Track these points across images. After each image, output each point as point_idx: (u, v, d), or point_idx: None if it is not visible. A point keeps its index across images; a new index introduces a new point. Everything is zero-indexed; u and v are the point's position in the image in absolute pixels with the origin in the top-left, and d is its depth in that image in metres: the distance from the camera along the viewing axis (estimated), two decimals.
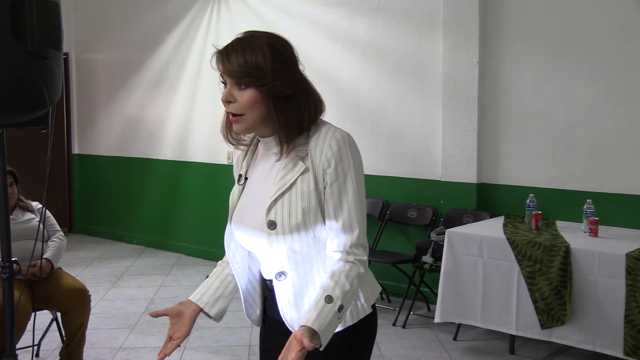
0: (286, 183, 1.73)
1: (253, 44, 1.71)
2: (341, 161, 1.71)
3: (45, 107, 2.58)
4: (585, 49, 4.66)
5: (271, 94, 1.69)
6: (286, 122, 1.72)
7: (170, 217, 7.54)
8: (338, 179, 1.71)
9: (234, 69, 1.69)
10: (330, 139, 1.71)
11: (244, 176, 1.89)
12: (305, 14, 6.07)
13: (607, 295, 3.79)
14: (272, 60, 1.68)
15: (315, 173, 1.72)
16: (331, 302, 1.67)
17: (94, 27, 8.23)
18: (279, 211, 1.72)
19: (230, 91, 1.73)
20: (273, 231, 1.73)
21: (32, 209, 4.14)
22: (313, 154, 1.73)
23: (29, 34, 2.44)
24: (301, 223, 1.71)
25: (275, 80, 1.68)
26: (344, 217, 1.72)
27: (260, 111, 1.71)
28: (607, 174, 4.61)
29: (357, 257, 1.73)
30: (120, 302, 5.61)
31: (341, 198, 1.72)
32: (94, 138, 8.42)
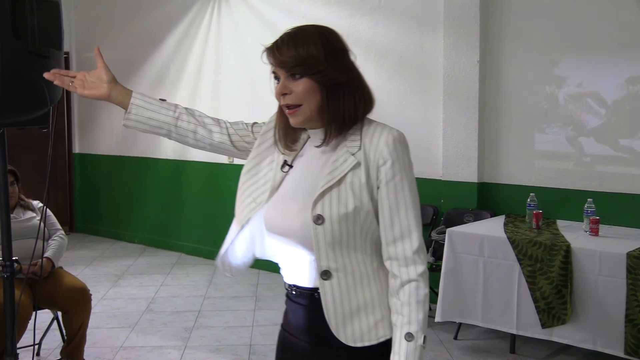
0: (335, 177, 1.65)
1: (303, 35, 1.69)
2: (397, 160, 1.64)
3: (46, 106, 2.58)
4: (586, 48, 4.66)
5: (325, 82, 1.65)
6: (338, 111, 1.67)
7: (171, 216, 7.54)
8: (394, 178, 1.64)
9: (286, 60, 1.66)
10: (387, 136, 1.65)
11: (289, 164, 1.79)
12: (306, 13, 6.07)
13: (607, 295, 3.79)
14: (323, 48, 1.66)
15: (367, 168, 1.65)
16: (412, 340, 1.62)
17: (94, 26, 8.24)
18: (326, 205, 1.64)
19: (285, 83, 1.68)
20: (320, 226, 1.64)
21: (33, 208, 4.14)
22: (367, 149, 1.66)
23: (30, 33, 2.44)
24: (351, 219, 1.64)
25: (329, 67, 1.65)
26: (401, 221, 1.65)
27: (316, 100, 1.66)
28: (608, 173, 4.61)
29: (418, 270, 1.65)
30: (121, 301, 5.62)
31: (397, 198, 1.64)
32: (95, 137, 8.42)
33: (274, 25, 6.36)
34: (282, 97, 1.70)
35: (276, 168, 1.80)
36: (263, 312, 5.25)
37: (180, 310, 5.37)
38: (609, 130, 4.61)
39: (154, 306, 5.47)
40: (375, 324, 1.68)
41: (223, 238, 1.97)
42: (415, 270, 1.64)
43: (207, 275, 6.42)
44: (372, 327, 1.67)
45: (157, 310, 5.35)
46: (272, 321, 5.04)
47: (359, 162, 1.65)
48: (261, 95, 6.52)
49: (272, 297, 5.67)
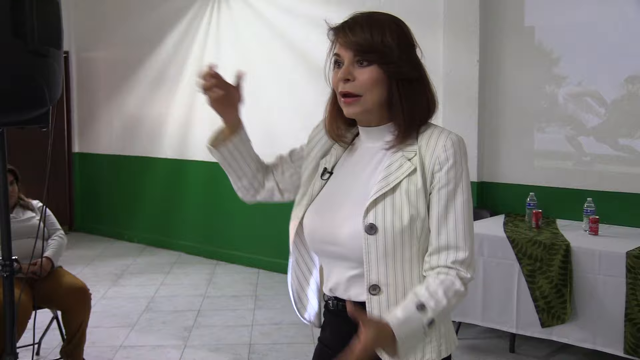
0: (390, 183, 1.52)
1: (379, 19, 1.55)
2: (454, 166, 1.51)
3: (46, 106, 2.58)
4: (585, 47, 4.66)
5: (395, 74, 1.52)
6: (411, 108, 1.54)
7: (171, 216, 7.54)
8: (448, 185, 1.51)
9: (359, 41, 1.51)
10: (446, 140, 1.52)
11: (329, 170, 1.67)
12: (306, 13, 6.07)
13: (607, 294, 3.79)
14: (398, 38, 1.53)
15: (424, 174, 1.52)
16: (422, 311, 1.46)
17: (94, 25, 8.23)
18: (380, 214, 1.51)
19: (349, 68, 1.53)
20: (372, 236, 1.50)
21: (33, 208, 4.14)
22: (423, 153, 1.53)
23: (29, 32, 2.44)
24: (406, 229, 1.50)
25: (401, 59, 1.52)
26: (449, 230, 1.51)
27: (380, 93, 1.53)
28: (608, 172, 4.61)
29: (459, 272, 1.51)
30: (120, 300, 5.62)
31: (448, 207, 1.51)
32: (95, 136, 8.42)
33: (274, 24, 6.36)
34: (343, 83, 1.55)
35: (318, 178, 1.69)
36: (263, 312, 5.25)
37: (180, 309, 5.37)
38: (609, 129, 4.61)
39: (153, 305, 5.47)
40: (423, 346, 1.55)
41: (222, 237, 1.95)
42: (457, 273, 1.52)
43: (206, 275, 6.42)
44: (419, 348, 1.54)
45: (157, 310, 5.35)
46: (271, 320, 5.04)
47: (415, 167, 1.52)
48: (260, 94, 6.52)
49: (272, 296, 5.67)
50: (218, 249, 6.95)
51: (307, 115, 6.08)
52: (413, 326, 1.45)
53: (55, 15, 2.56)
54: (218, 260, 6.90)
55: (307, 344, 4.57)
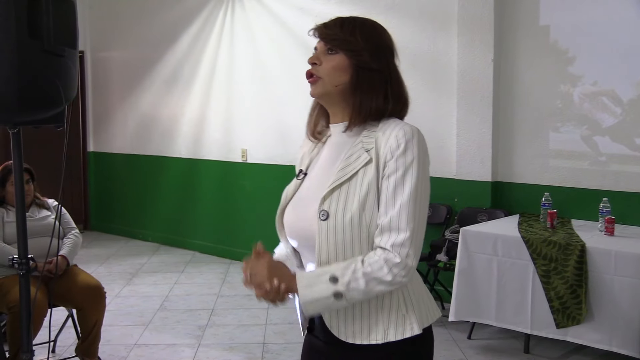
0: (347, 173, 1.63)
1: (351, 20, 1.74)
2: (404, 154, 1.58)
3: (61, 105, 2.60)
4: (600, 46, 4.62)
5: (357, 61, 1.67)
6: (365, 94, 1.67)
7: (185, 215, 7.57)
8: (397, 172, 1.58)
9: (329, 32, 1.72)
10: (398, 130, 1.61)
11: (304, 171, 1.80)
12: (320, 12, 6.06)
13: (623, 295, 3.76)
14: (366, 34, 1.71)
15: (377, 164, 1.61)
16: (334, 283, 1.55)
17: (109, 25, 8.28)
18: (334, 201, 1.61)
19: (318, 54, 1.74)
20: (324, 222, 1.61)
21: (48, 206, 4.17)
22: (378, 144, 1.63)
23: (45, 32, 2.45)
24: (355, 216, 1.58)
25: (365, 50, 1.68)
26: (393, 215, 1.56)
27: (340, 79, 1.68)
28: (624, 172, 4.58)
29: (390, 258, 1.55)
30: (135, 299, 5.64)
31: (396, 192, 1.57)
32: (109, 136, 8.47)
33: (287, 24, 6.36)
34: (312, 66, 1.74)
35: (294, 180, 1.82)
36: (276, 311, 5.25)
37: (194, 308, 5.39)
38: (625, 129, 4.58)
39: (167, 304, 5.49)
40: (369, 327, 1.64)
41: (236, 237, 1.97)
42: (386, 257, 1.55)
43: (220, 274, 6.44)
44: (365, 328, 1.64)
45: (171, 309, 5.38)
46: (285, 319, 5.05)
47: (371, 158, 1.62)
48: (274, 94, 6.53)
49: None
50: (232, 248, 6.97)
51: None
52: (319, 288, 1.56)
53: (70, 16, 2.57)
54: (232, 259, 6.91)
55: None
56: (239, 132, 6.90)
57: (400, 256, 1.55)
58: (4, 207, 3.99)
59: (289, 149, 6.41)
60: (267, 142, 6.62)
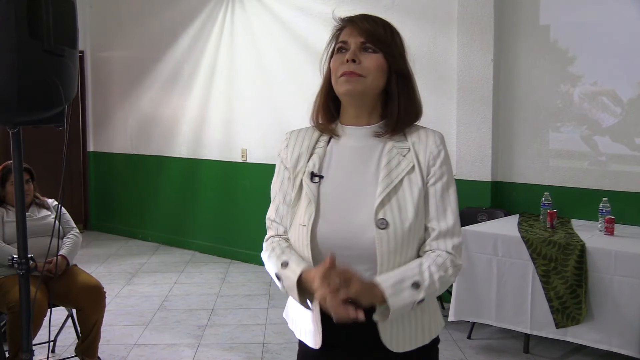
0: (393, 180, 1.62)
1: (389, 23, 1.71)
2: (445, 161, 1.66)
3: (61, 105, 2.60)
4: (601, 46, 4.62)
5: (396, 68, 1.66)
6: (406, 103, 1.68)
7: (185, 215, 7.57)
8: (442, 179, 1.65)
9: (371, 30, 1.64)
10: (434, 136, 1.68)
11: (317, 174, 1.69)
12: (320, 13, 6.07)
13: (623, 295, 3.76)
14: (401, 39, 1.71)
15: (421, 170, 1.64)
16: (417, 289, 1.56)
17: (109, 25, 8.28)
18: (389, 210, 1.60)
19: (356, 52, 1.64)
20: (384, 231, 1.58)
21: (48, 206, 4.17)
22: (417, 149, 1.66)
23: (45, 32, 2.45)
24: (413, 224, 1.61)
25: (402, 55, 1.69)
26: (448, 221, 1.64)
27: (380, 80, 1.65)
28: (624, 172, 4.58)
29: (455, 260, 1.63)
30: (134, 299, 5.64)
31: (444, 199, 1.65)
32: (109, 136, 8.47)
33: (288, 24, 6.36)
34: (349, 63, 1.63)
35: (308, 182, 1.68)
36: (276, 310, 5.26)
37: (194, 308, 5.39)
38: (625, 129, 4.58)
39: (167, 304, 5.50)
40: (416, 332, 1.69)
41: (236, 236, 1.96)
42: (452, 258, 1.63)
43: (220, 274, 6.44)
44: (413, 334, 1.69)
45: (171, 308, 5.38)
46: (285, 320, 5.04)
47: (413, 164, 1.65)
48: (274, 93, 6.53)
49: (285, 295, 5.65)
50: (232, 248, 6.97)
51: None
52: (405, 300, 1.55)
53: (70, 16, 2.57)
54: (232, 259, 6.91)
55: None
56: (239, 132, 6.90)
57: (459, 256, 1.65)
58: (3, 207, 3.99)
59: None
60: (267, 141, 6.62)
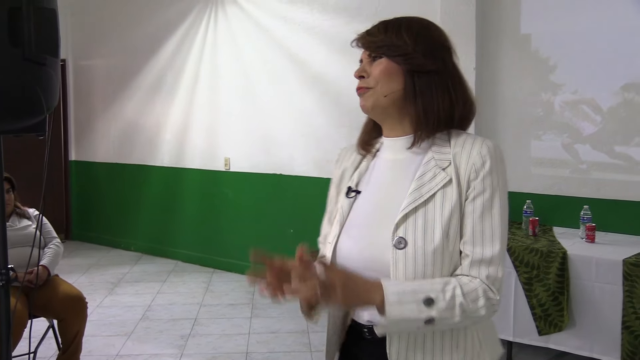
0: (423, 195, 1.44)
1: (398, 22, 1.55)
2: (490, 174, 1.42)
3: (43, 114, 2.58)
4: (581, 55, 4.67)
5: (408, 65, 1.48)
6: (430, 104, 1.48)
7: (168, 224, 7.53)
8: (484, 194, 1.42)
9: (372, 39, 1.53)
10: (481, 146, 1.44)
11: (354, 188, 1.58)
12: (303, 21, 6.09)
13: (604, 302, 3.79)
14: (416, 34, 1.51)
15: (460, 185, 1.43)
16: (429, 306, 1.35)
17: (91, 33, 8.24)
18: (410, 227, 1.42)
19: (364, 66, 1.54)
20: (401, 251, 1.41)
21: (29, 216, 4.14)
22: (458, 161, 1.45)
23: (27, 40, 2.43)
24: (439, 246, 1.40)
25: (416, 52, 1.48)
26: (485, 247, 1.41)
27: (392, 85, 1.49)
28: (604, 180, 4.62)
29: (488, 293, 1.40)
30: (117, 309, 5.60)
31: (484, 217, 1.41)
32: (91, 144, 8.42)
33: (271, 32, 6.37)
34: (360, 80, 1.54)
35: (343, 198, 1.59)
36: (259, 320, 5.24)
37: (177, 318, 5.35)
38: (605, 137, 4.62)
39: (150, 314, 5.46)
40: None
41: (219, 245, 1.95)
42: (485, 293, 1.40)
43: (203, 283, 6.41)
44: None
45: (153, 318, 5.34)
46: (268, 329, 5.03)
47: (450, 178, 1.44)
48: (257, 102, 6.53)
49: (269, 304, 5.66)
50: (215, 257, 6.94)
51: (303, 122, 6.13)
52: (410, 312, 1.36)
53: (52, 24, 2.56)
54: (215, 268, 6.89)
55: (303, 352, 4.56)
56: (222, 141, 6.89)
57: (497, 291, 1.41)
58: None
59: (273, 157, 6.41)
60: (250, 150, 6.62)
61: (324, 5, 5.94)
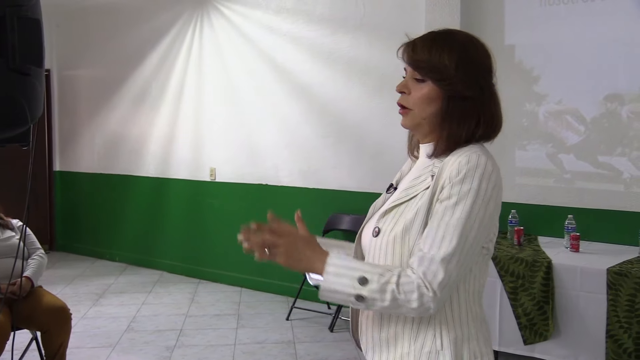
0: (409, 195, 1.60)
1: (442, 39, 1.63)
2: (461, 183, 1.50)
3: (27, 124, 2.56)
4: (564, 66, 4.72)
5: (448, 91, 1.58)
6: (456, 124, 1.58)
7: (153, 234, 7.49)
8: (449, 199, 1.50)
9: (416, 59, 1.61)
10: (463, 157, 1.53)
11: (394, 186, 1.77)
12: (288, 31, 6.10)
13: (588, 310, 3.82)
14: (458, 57, 1.59)
15: (434, 189, 1.54)
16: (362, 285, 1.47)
17: (76, 44, 8.22)
18: (388, 219, 1.60)
19: (407, 82, 1.64)
20: (375, 239, 1.61)
21: (13, 227, 4.10)
22: (443, 169, 1.56)
23: (11, 50, 2.42)
24: (398, 237, 1.55)
25: (456, 77, 1.57)
26: (434, 241, 1.49)
27: (430, 110, 1.60)
28: (588, 189, 4.66)
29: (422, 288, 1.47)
30: (101, 320, 5.56)
31: (441, 221, 1.50)
32: (76, 155, 8.37)
33: (256, 43, 6.38)
34: (400, 94, 1.66)
35: (384, 193, 1.79)
36: (245, 330, 5.22)
37: (162, 329, 5.32)
38: (589, 147, 4.66)
39: (135, 325, 5.42)
40: (401, 357, 1.58)
41: (205, 256, 1.94)
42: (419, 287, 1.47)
43: (188, 294, 6.37)
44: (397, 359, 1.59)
45: (139, 329, 5.30)
46: (254, 339, 5.01)
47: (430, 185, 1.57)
48: (243, 112, 6.53)
49: (255, 315, 5.64)
50: (200, 268, 6.91)
51: (288, 132, 6.13)
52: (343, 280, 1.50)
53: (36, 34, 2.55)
54: (200, 279, 6.86)
55: None
56: (208, 151, 6.88)
57: (432, 288, 1.47)
58: None
59: (258, 168, 6.40)
60: (236, 160, 6.61)
61: (309, 15, 5.96)
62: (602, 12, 4.54)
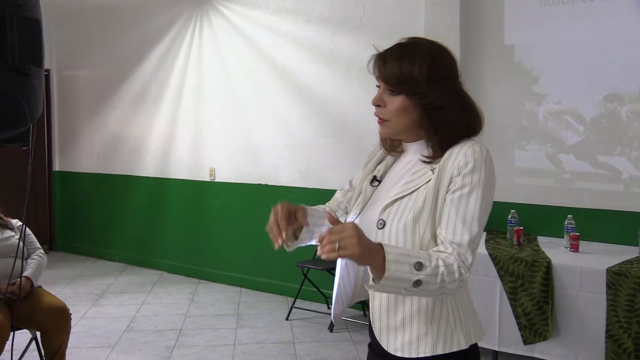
0: (410, 188, 1.68)
1: (412, 52, 1.69)
2: (472, 172, 1.61)
3: (26, 124, 2.56)
4: (564, 66, 4.72)
5: (422, 104, 1.66)
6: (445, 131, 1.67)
7: (152, 234, 7.50)
8: (462, 189, 1.61)
9: (388, 75, 1.68)
10: (468, 149, 1.64)
11: (378, 179, 1.83)
12: (288, 31, 6.10)
13: (588, 310, 3.82)
14: (428, 70, 1.65)
15: (440, 180, 1.64)
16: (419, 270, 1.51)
17: (75, 43, 8.22)
18: (392, 212, 1.67)
19: (381, 95, 1.71)
20: (380, 230, 1.67)
21: (12, 227, 4.10)
22: (445, 161, 1.65)
23: (10, 50, 2.42)
24: (409, 226, 1.63)
25: (429, 90, 1.65)
26: (456, 231, 1.60)
27: (407, 120, 1.68)
28: (587, 189, 4.66)
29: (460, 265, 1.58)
30: (101, 320, 5.55)
31: (459, 209, 1.61)
32: (76, 155, 8.37)
33: (256, 43, 6.38)
34: (376, 107, 1.72)
35: (366, 185, 1.84)
36: (245, 331, 5.22)
37: (162, 329, 5.32)
38: (588, 147, 4.66)
39: (134, 325, 5.42)
40: (418, 339, 1.67)
41: (204, 256, 1.95)
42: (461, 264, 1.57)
43: (188, 294, 6.38)
44: (414, 340, 1.67)
45: (138, 329, 5.30)
46: (253, 339, 5.01)
47: (433, 177, 1.65)
48: (242, 112, 6.53)
49: (254, 315, 5.64)
50: (200, 268, 6.91)
51: (289, 133, 6.13)
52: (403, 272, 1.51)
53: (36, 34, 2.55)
54: (200, 279, 6.86)
55: None
56: (207, 151, 6.88)
57: (467, 266, 1.59)
58: None
59: (258, 168, 6.40)
60: (235, 160, 6.61)
61: (308, 15, 5.96)
62: (602, 12, 4.54)
